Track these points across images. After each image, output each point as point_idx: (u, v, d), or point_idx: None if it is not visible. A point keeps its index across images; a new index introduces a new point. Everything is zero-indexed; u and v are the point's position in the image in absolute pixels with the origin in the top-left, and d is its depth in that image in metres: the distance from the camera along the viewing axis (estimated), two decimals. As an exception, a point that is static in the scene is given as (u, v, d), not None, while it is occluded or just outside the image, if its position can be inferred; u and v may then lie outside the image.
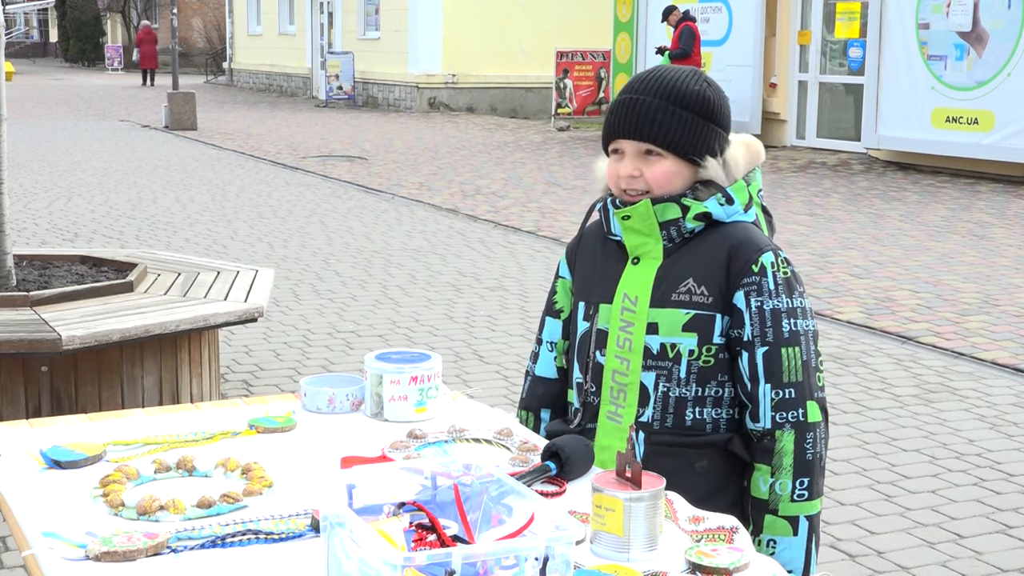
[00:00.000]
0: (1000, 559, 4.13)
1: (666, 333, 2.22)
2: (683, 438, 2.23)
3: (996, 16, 13.42)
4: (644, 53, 18.52)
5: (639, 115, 2.25)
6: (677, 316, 2.21)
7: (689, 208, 2.22)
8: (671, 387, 2.22)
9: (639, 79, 2.29)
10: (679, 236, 2.24)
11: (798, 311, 2.21)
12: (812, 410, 2.19)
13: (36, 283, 5.55)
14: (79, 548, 1.80)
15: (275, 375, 6.25)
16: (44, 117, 23.55)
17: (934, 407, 5.78)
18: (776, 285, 2.20)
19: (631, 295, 2.25)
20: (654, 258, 2.26)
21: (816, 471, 2.20)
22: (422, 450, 2.27)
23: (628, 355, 2.25)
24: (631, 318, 2.25)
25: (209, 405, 2.62)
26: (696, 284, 2.21)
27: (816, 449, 2.19)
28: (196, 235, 10.37)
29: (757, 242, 2.22)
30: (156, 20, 52.24)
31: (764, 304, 2.19)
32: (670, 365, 2.22)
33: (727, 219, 2.24)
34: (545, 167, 15.29)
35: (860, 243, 9.87)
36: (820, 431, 2.20)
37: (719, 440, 2.23)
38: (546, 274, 8.78)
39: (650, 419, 2.24)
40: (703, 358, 2.21)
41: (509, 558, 1.57)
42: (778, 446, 2.18)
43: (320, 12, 29.81)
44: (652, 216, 2.24)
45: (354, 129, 20.82)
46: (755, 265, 2.20)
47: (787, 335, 2.19)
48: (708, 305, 2.21)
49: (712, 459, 2.23)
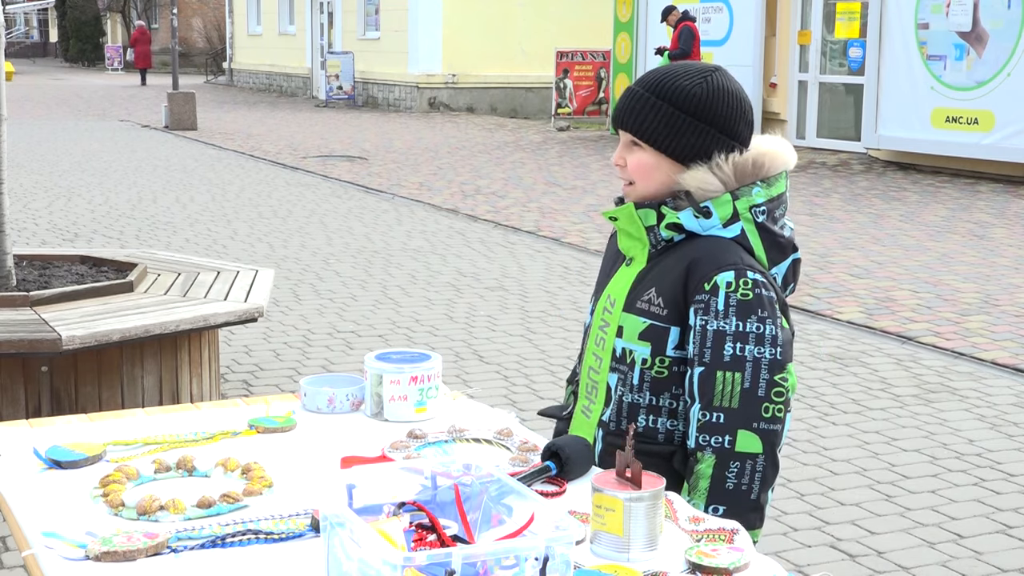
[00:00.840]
0: (1000, 559, 4.13)
1: (627, 339, 2.22)
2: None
3: (996, 16, 13.42)
4: (644, 53, 18.52)
5: (625, 105, 2.24)
6: (636, 324, 2.21)
7: (664, 216, 2.20)
8: (625, 392, 2.23)
9: (649, 73, 2.29)
10: (659, 243, 2.23)
11: (750, 336, 2.11)
12: (744, 440, 2.09)
13: (36, 283, 5.55)
14: (79, 548, 1.80)
15: (275, 375, 6.25)
16: (44, 117, 23.55)
17: (934, 407, 5.78)
18: (727, 306, 2.11)
19: (612, 296, 2.27)
20: (639, 262, 2.26)
21: (738, 502, 2.09)
22: (422, 450, 2.27)
23: (602, 354, 2.27)
24: (608, 319, 2.27)
25: (209, 405, 2.62)
26: (656, 295, 2.19)
27: (742, 480, 2.09)
28: (196, 235, 10.37)
29: (718, 260, 2.14)
30: (156, 20, 52.26)
31: (708, 324, 2.12)
32: (627, 370, 2.22)
33: (702, 232, 2.18)
34: (545, 167, 15.30)
35: (860, 243, 9.87)
36: (754, 463, 2.10)
37: (664, 451, 2.21)
38: (546, 274, 8.79)
39: (608, 419, 2.26)
40: (656, 368, 2.20)
41: (509, 558, 1.57)
42: (697, 467, 2.12)
43: (320, 12, 29.81)
44: (638, 219, 2.23)
45: (354, 129, 20.82)
46: (707, 283, 2.13)
47: (727, 359, 2.11)
48: (663, 317, 2.18)
49: (657, 469, 2.09)
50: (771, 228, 2.21)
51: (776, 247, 2.23)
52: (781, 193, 2.23)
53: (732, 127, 2.21)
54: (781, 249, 2.24)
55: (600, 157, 16.33)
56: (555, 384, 6.05)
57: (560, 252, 9.67)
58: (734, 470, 2.10)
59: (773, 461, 2.13)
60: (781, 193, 2.23)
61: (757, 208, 2.19)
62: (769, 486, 2.13)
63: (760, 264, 2.19)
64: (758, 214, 2.19)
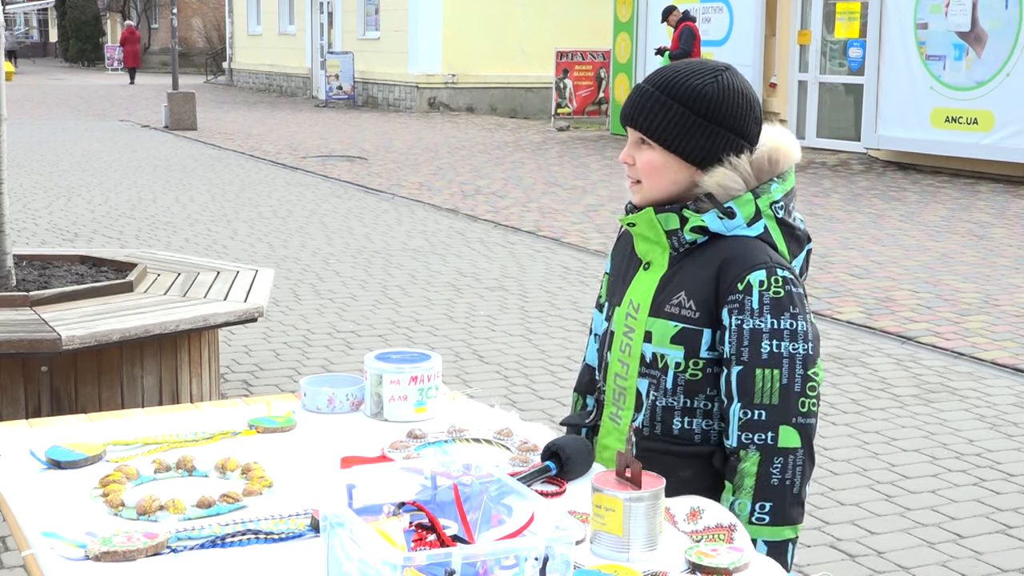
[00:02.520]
0: (1000, 559, 4.13)
1: (657, 343, 2.21)
2: (670, 446, 2.21)
3: (995, 16, 13.42)
4: (644, 53, 18.52)
5: (635, 103, 2.22)
6: (667, 328, 2.20)
7: (687, 220, 2.19)
8: (659, 396, 2.21)
9: (660, 70, 2.25)
10: (681, 246, 2.22)
11: (784, 333, 2.13)
12: (786, 435, 2.11)
13: (36, 283, 5.55)
14: (79, 548, 1.80)
15: (275, 375, 6.25)
16: (44, 117, 23.54)
17: (934, 407, 5.78)
18: (761, 304, 2.13)
19: (635, 302, 2.25)
20: (660, 266, 2.24)
21: (783, 497, 2.12)
22: (422, 450, 2.27)
23: (628, 360, 2.25)
24: (633, 324, 2.25)
25: (209, 405, 2.62)
26: (687, 298, 2.19)
27: (786, 476, 2.12)
28: (196, 235, 10.37)
29: (749, 259, 2.15)
30: (156, 20, 52.24)
31: (744, 323, 2.13)
32: (659, 375, 2.21)
33: (727, 233, 2.19)
34: (545, 167, 15.29)
35: (860, 243, 9.87)
36: (795, 458, 2.12)
37: (704, 452, 2.21)
38: (546, 274, 8.79)
39: (641, 424, 2.24)
40: (690, 371, 2.19)
41: (509, 558, 1.57)
42: (740, 466, 2.13)
43: (320, 12, 29.81)
44: (657, 224, 2.21)
45: (354, 129, 20.81)
46: (740, 283, 2.14)
47: (765, 356, 2.13)
48: (695, 320, 2.18)
49: (697, 470, 2.20)
50: (788, 222, 2.25)
51: (795, 240, 2.26)
52: (793, 186, 2.26)
53: (742, 127, 2.21)
54: (799, 241, 2.27)
55: (600, 157, 16.33)
56: (555, 384, 6.05)
57: (560, 252, 9.67)
58: (778, 466, 2.12)
59: (811, 454, 2.16)
60: (793, 186, 2.26)
61: (776, 204, 2.22)
62: (808, 479, 2.16)
63: (784, 259, 2.22)
64: (777, 210, 2.22)
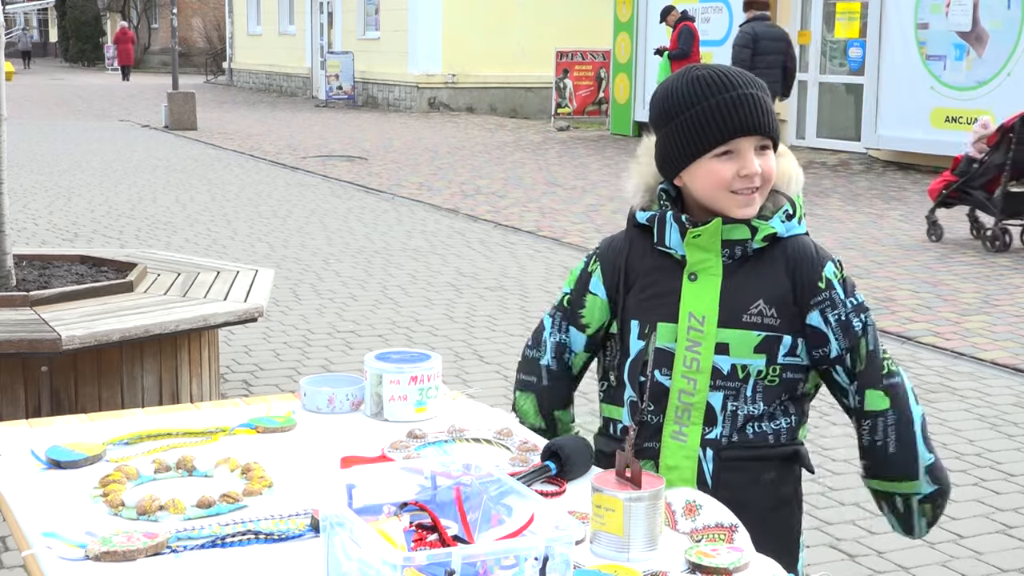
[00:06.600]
0: (1000, 559, 4.13)
1: (737, 354, 2.17)
2: (752, 451, 2.21)
3: (995, 16, 13.42)
4: (644, 53, 18.52)
5: (757, 108, 2.16)
6: (749, 338, 2.17)
7: (757, 229, 2.18)
8: (739, 405, 2.19)
9: (733, 75, 2.17)
10: (741, 254, 2.19)
11: (862, 307, 2.23)
12: (872, 398, 2.23)
13: (36, 283, 5.55)
14: (79, 548, 1.80)
15: (275, 375, 6.25)
16: (44, 117, 23.55)
17: (934, 407, 5.78)
18: (845, 293, 2.21)
19: (698, 315, 2.18)
20: (714, 275, 2.19)
21: (877, 459, 2.28)
22: (422, 450, 2.27)
23: (696, 375, 2.18)
24: (699, 338, 2.18)
25: (209, 405, 2.61)
26: (767, 306, 2.18)
27: (876, 437, 2.25)
28: (196, 235, 10.37)
29: (815, 257, 2.21)
30: (156, 20, 52.26)
31: (841, 315, 2.20)
32: (739, 385, 2.18)
33: (786, 234, 2.22)
34: (545, 167, 15.29)
35: (860, 243, 9.87)
36: (884, 419, 2.23)
37: (787, 452, 2.24)
38: (546, 274, 8.79)
39: (718, 436, 2.20)
40: (768, 378, 2.20)
41: (509, 558, 1.57)
42: (889, 403, 2.23)
43: (320, 12, 29.81)
44: (718, 234, 2.18)
45: (354, 129, 20.81)
46: (820, 282, 2.19)
47: (858, 330, 2.21)
48: (777, 327, 2.18)
49: (780, 471, 2.25)
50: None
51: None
52: None
53: None
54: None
55: (600, 157, 16.33)
56: (555, 384, 6.04)
57: (560, 252, 9.67)
58: (867, 427, 2.25)
59: (902, 412, 2.25)
60: None
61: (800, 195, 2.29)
62: (916, 436, 2.27)
63: None
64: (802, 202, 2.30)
